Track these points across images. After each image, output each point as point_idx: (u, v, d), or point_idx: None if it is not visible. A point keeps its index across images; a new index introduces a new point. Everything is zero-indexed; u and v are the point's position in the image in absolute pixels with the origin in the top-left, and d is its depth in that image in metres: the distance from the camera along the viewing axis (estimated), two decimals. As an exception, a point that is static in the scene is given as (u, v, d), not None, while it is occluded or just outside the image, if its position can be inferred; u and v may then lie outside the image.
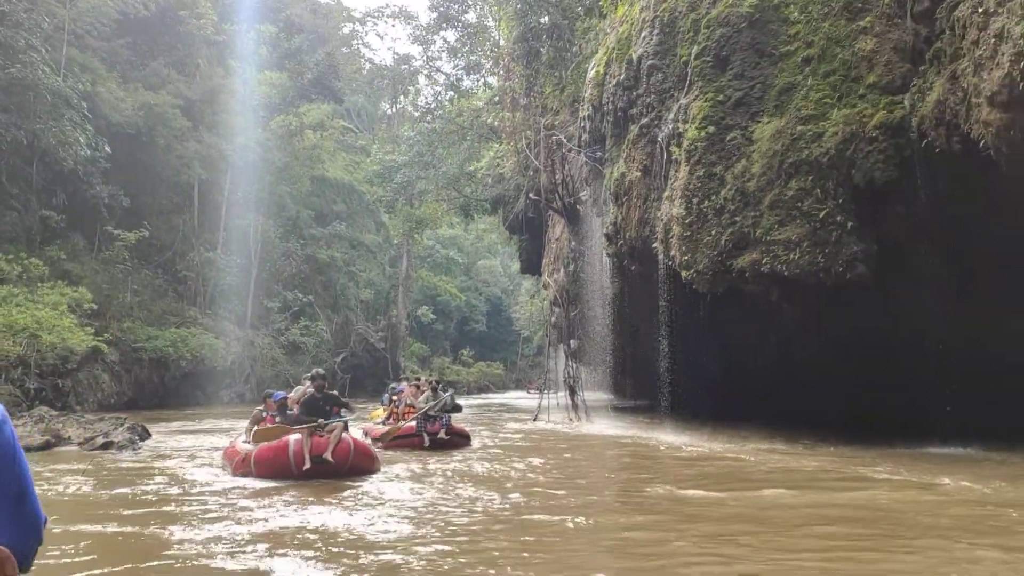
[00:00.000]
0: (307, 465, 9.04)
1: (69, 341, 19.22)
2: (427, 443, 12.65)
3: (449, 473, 10.07)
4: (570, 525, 6.36)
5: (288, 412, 10.12)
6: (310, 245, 43.52)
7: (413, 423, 12.94)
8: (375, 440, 12.84)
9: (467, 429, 14.17)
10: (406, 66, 48.02)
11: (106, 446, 11.89)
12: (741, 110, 12.68)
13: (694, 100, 13.25)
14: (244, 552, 5.46)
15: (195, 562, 5.23)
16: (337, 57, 43.96)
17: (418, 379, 15.62)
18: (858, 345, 12.43)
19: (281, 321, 39.76)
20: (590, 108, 16.65)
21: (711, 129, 12.75)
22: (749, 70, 12.86)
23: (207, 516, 6.89)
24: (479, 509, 7.35)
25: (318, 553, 5.46)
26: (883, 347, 11.88)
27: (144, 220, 30.76)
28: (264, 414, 10.78)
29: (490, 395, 54.38)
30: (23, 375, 21.39)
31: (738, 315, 13.42)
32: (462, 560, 5.18)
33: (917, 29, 11.53)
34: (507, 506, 7.46)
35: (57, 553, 5.42)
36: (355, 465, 9.54)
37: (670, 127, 13.60)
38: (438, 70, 41.90)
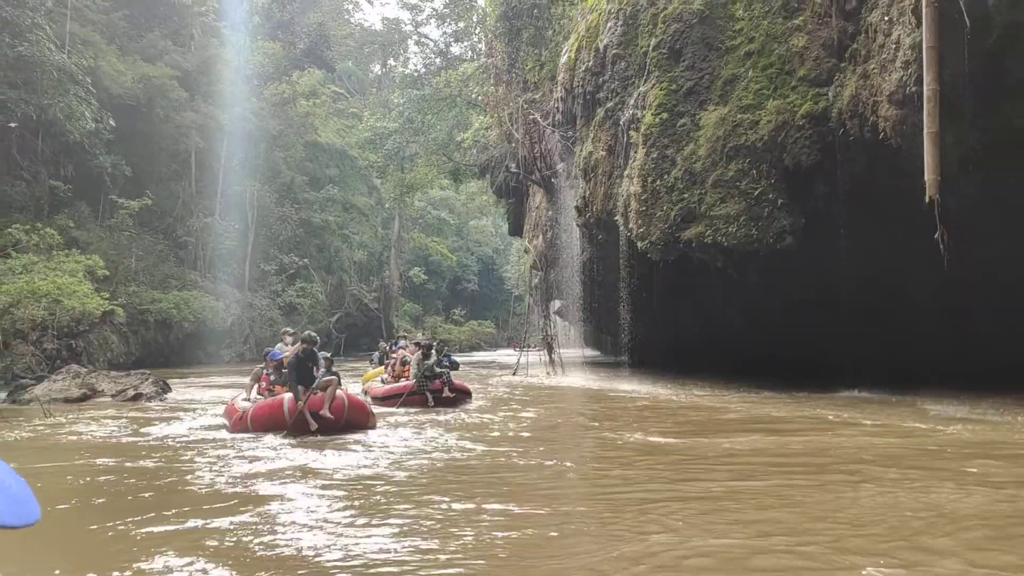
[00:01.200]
0: (313, 426, 9.41)
1: (87, 306, 21.02)
2: (431, 401, 12.85)
3: (439, 424, 10.77)
4: (533, 461, 8.22)
5: (283, 371, 10.44)
6: (304, 209, 45.15)
7: (413, 382, 13.14)
8: (375, 399, 13.20)
9: (468, 386, 14.40)
10: (395, 34, 49.24)
11: (136, 397, 13.82)
12: (691, 99, 14.42)
13: (651, 88, 14.97)
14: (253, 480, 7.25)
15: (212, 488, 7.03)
16: (328, 26, 44.97)
17: (417, 342, 15.23)
18: (793, 304, 14.36)
19: (278, 283, 41.57)
20: (563, 91, 18.34)
21: (664, 115, 14.49)
22: (699, 62, 14.56)
23: (221, 452, 8.64)
24: (464, 451, 8.18)
25: (315, 486, 6.30)
26: (811, 306, 13.81)
27: (145, 188, 32.35)
28: (263, 371, 11.28)
29: (481, 353, 56.48)
30: (40, 337, 23.29)
31: (687, 280, 15.29)
32: (447, 494, 5.93)
33: (844, 27, 13.22)
34: (483, 447, 8.98)
35: (112, 480, 7.30)
36: (351, 420, 9.91)
37: (630, 112, 15.34)
38: (426, 36, 43.21)
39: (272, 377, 10.79)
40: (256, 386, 11.26)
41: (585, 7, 18.22)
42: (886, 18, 11.63)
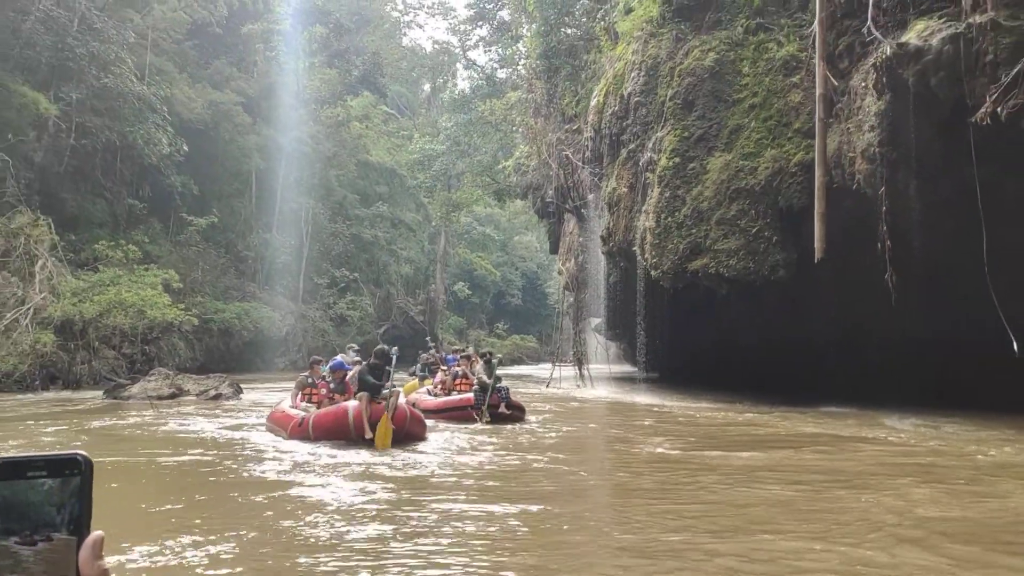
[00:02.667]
0: (368, 435, 9.64)
1: (167, 316, 23.89)
2: (487, 417, 12.66)
3: (491, 435, 11.22)
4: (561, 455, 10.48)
5: (344, 382, 10.84)
6: (355, 225, 48.05)
7: (471, 395, 13.03)
8: (427, 412, 12.71)
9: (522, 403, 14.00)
10: (445, 56, 52.08)
11: (216, 397, 16.42)
12: (701, 145, 16.57)
13: (667, 134, 17.16)
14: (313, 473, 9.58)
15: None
16: (380, 55, 48.05)
17: (468, 355, 15.17)
18: (789, 329, 16.38)
19: (329, 296, 44.44)
20: (592, 131, 20.61)
21: (677, 159, 16.67)
22: (709, 112, 16.72)
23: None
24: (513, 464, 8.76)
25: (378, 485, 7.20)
26: (802, 332, 15.82)
27: (210, 206, 35.51)
28: (309, 379, 11.39)
29: (522, 367, 58.77)
30: (121, 343, 26.27)
31: (697, 306, 17.39)
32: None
33: (834, 86, 15.25)
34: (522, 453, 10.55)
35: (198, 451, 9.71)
36: (410, 431, 10.22)
37: (648, 154, 17.54)
38: (474, 63, 45.92)
39: (332, 386, 10.98)
40: (299, 394, 11.32)
41: (613, 55, 20.51)
42: (863, 84, 13.68)
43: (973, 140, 10.74)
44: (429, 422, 11.57)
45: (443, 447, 10.06)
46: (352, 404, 9.94)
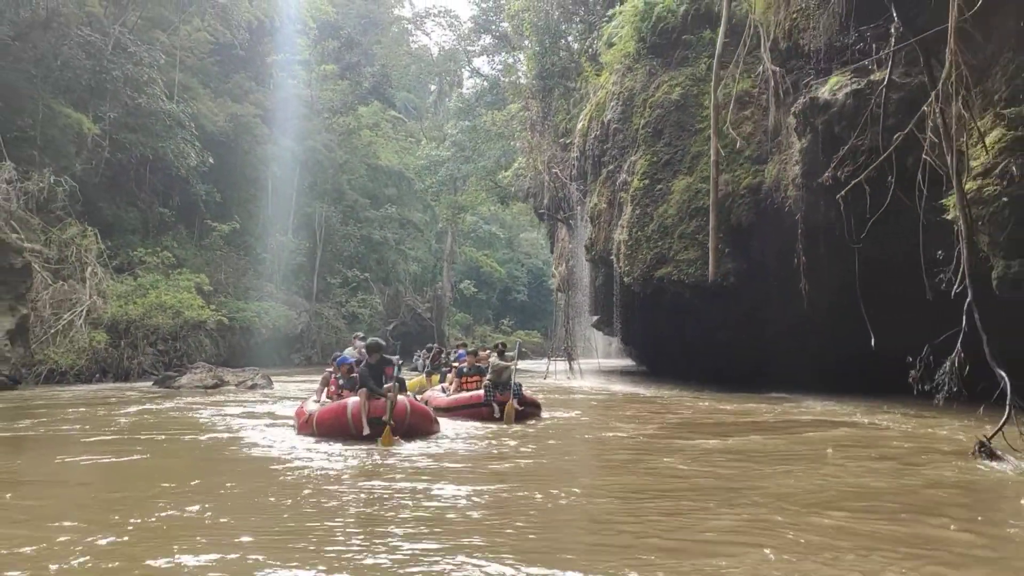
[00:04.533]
0: (366, 431, 9.70)
1: (200, 316, 27.00)
2: (497, 413, 12.29)
3: (494, 430, 11.24)
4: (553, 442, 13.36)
5: (352, 376, 10.77)
6: (365, 227, 51.10)
7: (481, 392, 12.65)
8: (437, 410, 12.17)
9: (537, 399, 13.77)
10: (451, 62, 55.15)
11: (252, 387, 19.48)
12: (667, 169, 19.48)
13: (639, 158, 20.09)
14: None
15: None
16: (389, 67, 51.14)
17: (473, 351, 14.71)
18: (742, 326, 19.29)
19: (342, 295, 47.54)
20: (578, 151, 23.55)
21: (647, 181, 19.59)
22: (675, 140, 19.62)
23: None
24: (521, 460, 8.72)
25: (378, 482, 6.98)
26: (753, 330, 18.74)
27: (231, 211, 38.62)
28: (332, 375, 11.47)
29: (526, 362, 61.81)
30: (156, 340, 29.38)
31: (676, 307, 20.26)
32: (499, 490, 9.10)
33: (780, 119, 18.10)
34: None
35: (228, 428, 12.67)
36: (413, 425, 10.08)
37: (624, 176, 20.46)
38: (478, 71, 48.92)
39: (341, 382, 11.00)
40: (324, 390, 11.47)
41: (597, 83, 23.41)
42: (794, 123, 16.55)
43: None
44: (443, 420, 11.49)
45: (443, 441, 10.13)
46: (352, 401, 10.02)
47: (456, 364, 14.95)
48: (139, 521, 5.52)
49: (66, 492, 6.94)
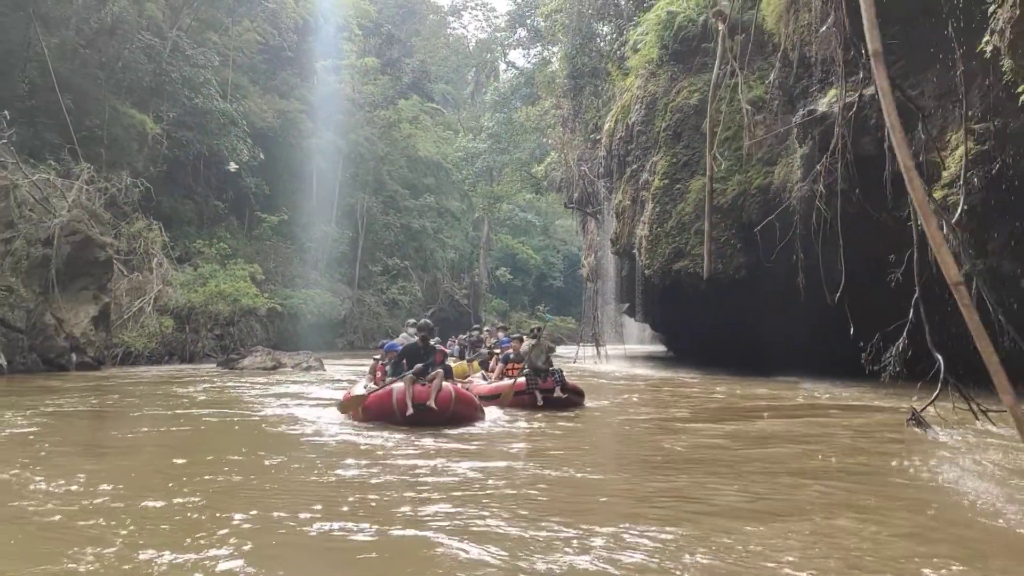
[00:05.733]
0: (410, 411, 9.78)
1: (256, 303, 29.46)
2: (540, 401, 12.03)
3: (538, 416, 11.38)
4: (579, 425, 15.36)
5: (400, 363, 10.72)
6: (405, 216, 53.44)
7: (523, 379, 12.37)
8: (479, 397, 11.80)
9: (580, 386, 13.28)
10: (487, 53, 57.04)
11: (307, 369, 21.77)
12: (685, 170, 21.27)
13: (660, 159, 21.90)
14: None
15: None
16: (427, 63, 53.32)
17: (519, 337, 14.08)
18: (752, 316, 21.07)
19: (382, 282, 49.98)
20: (604, 151, 25.41)
21: (667, 181, 21.41)
22: (692, 143, 21.39)
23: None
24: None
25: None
26: (762, 319, 20.52)
27: (278, 203, 41.11)
28: (379, 362, 11.65)
29: (561, 346, 63.85)
30: (214, 325, 31.93)
31: (698, 298, 22.08)
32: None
33: (788, 122, 19.78)
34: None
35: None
36: (456, 412, 10.17)
37: (646, 175, 22.30)
38: (513, 64, 50.81)
39: (388, 369, 11.09)
40: (372, 377, 11.77)
41: (623, 86, 25.21)
42: (796, 129, 18.25)
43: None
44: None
45: (487, 427, 10.35)
46: (396, 386, 10.15)
47: (499, 351, 14.82)
48: (214, 478, 6.48)
49: (148, 457, 7.99)
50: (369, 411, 10.29)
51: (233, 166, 34.90)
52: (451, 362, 13.48)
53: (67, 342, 20.27)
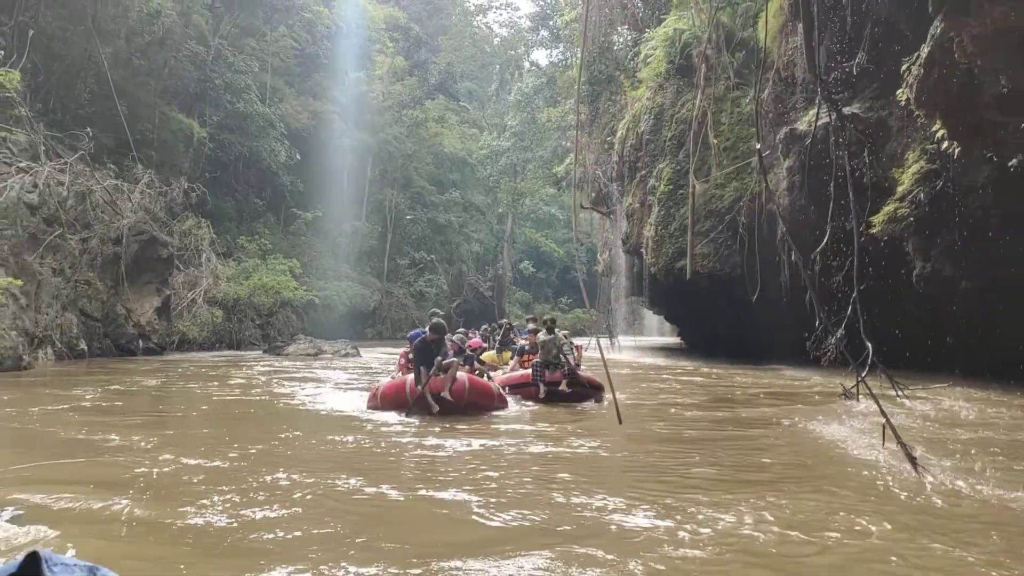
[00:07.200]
0: (435, 408, 10.12)
1: (296, 295, 32.36)
2: (542, 394, 12.20)
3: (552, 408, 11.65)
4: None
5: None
6: (431, 211, 56.25)
7: (529, 371, 12.63)
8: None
9: (596, 379, 13.01)
10: (511, 51, 59.61)
11: (346, 355, 24.55)
12: (688, 176, 23.73)
13: (666, 166, 24.38)
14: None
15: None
16: (453, 61, 55.99)
17: (534, 329, 13.96)
18: (746, 310, 23.52)
19: (410, 275, 52.84)
20: (617, 156, 27.93)
21: (671, 186, 23.89)
22: (698, 149, 23.83)
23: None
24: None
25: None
26: (755, 312, 22.99)
27: (311, 199, 44.05)
28: (405, 351, 11.94)
29: (581, 338, 66.42)
30: (255, 316, 34.90)
31: (683, 293, 24.60)
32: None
33: (780, 133, 22.16)
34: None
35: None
36: (473, 402, 10.47)
37: (653, 181, 24.80)
38: (536, 64, 53.30)
39: (411, 356, 11.20)
40: (399, 365, 12.15)
41: (634, 96, 27.69)
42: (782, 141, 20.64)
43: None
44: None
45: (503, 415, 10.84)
46: (410, 377, 10.59)
47: (522, 341, 15.07)
48: (259, 447, 7.61)
49: (200, 428, 9.77)
50: (386, 400, 10.75)
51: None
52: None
53: (135, 330, 23.21)
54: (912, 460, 6.00)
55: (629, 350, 30.78)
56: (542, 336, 12.96)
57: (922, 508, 5.29)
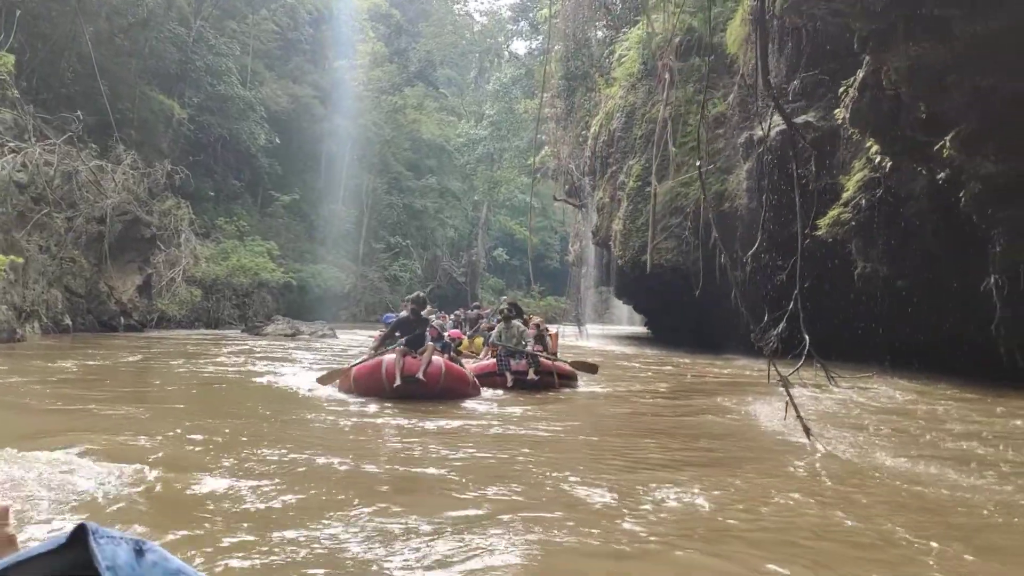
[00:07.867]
0: (397, 382, 9.94)
1: (274, 276, 33.28)
2: (509, 383, 12.14)
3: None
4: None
5: (395, 335, 11.00)
6: (407, 196, 57.15)
7: (493, 360, 12.55)
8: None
9: (568, 367, 13.31)
10: (490, 40, 60.52)
11: (323, 336, 25.59)
12: (656, 174, 24.96)
13: (635, 163, 25.60)
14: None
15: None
16: (433, 49, 56.82)
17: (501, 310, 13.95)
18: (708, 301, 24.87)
19: (384, 259, 53.80)
20: (589, 151, 29.11)
21: (639, 183, 25.12)
22: (663, 150, 25.07)
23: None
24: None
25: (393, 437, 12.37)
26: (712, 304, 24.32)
27: (290, 183, 44.85)
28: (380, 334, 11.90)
29: (552, 325, 67.78)
30: (231, 295, 35.75)
31: (647, 285, 25.88)
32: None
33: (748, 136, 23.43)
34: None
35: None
36: (448, 387, 10.43)
37: (622, 177, 26.01)
38: (515, 54, 54.30)
39: (381, 338, 11.34)
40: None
41: (608, 93, 28.85)
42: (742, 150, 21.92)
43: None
44: None
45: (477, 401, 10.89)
46: (386, 358, 10.32)
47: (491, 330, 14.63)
48: (236, 423, 9.23)
49: (176, 404, 11.00)
50: (359, 382, 10.49)
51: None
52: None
53: (117, 307, 24.10)
54: (807, 432, 7.26)
55: (597, 338, 32.07)
56: (498, 328, 12.98)
57: (819, 479, 6.53)
